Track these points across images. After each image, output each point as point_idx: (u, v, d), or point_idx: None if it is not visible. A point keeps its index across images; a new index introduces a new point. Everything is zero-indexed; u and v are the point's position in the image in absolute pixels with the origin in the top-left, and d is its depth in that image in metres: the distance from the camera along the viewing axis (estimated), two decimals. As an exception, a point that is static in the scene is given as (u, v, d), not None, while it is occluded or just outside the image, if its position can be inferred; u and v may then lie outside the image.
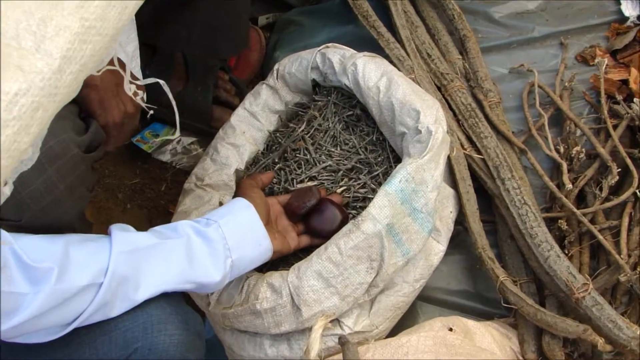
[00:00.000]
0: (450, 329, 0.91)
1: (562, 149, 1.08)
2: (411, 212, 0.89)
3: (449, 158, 1.04)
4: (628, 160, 1.03)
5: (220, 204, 1.03)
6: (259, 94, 1.16)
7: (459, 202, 1.05)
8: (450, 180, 1.06)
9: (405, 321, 1.00)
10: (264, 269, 0.97)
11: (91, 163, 0.83)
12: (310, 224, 0.96)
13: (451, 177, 1.06)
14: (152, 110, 0.87)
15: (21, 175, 0.56)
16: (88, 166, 0.82)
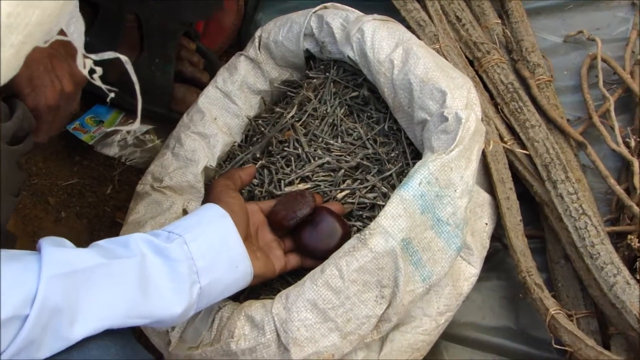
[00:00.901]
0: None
1: (633, 143, 1.09)
2: (434, 224, 0.90)
3: (483, 154, 1.05)
4: None
5: (185, 212, 1.03)
6: (235, 68, 1.17)
7: (497, 212, 1.05)
8: (485, 183, 1.07)
9: (426, 367, 1.01)
10: (241, 297, 0.97)
11: (16, 158, 0.83)
12: (301, 240, 0.97)
13: (487, 179, 1.07)
14: (113, 93, 0.87)
15: None
16: (12, 163, 0.82)
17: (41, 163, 1.40)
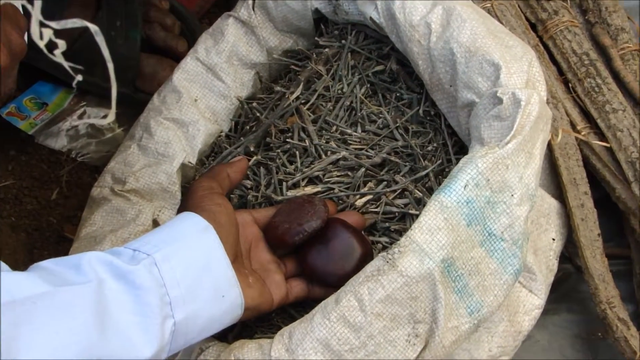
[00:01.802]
0: None
1: None
2: (485, 240, 0.90)
3: (550, 147, 1.05)
4: None
5: (156, 224, 1.04)
6: (221, 34, 1.17)
7: (568, 224, 1.05)
8: (552, 186, 1.07)
9: None
10: (230, 336, 0.97)
11: None
12: (308, 262, 0.97)
13: (554, 180, 1.07)
14: (80, 75, 0.88)
15: None
16: None
17: (-34, 159, 1.41)
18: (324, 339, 0.87)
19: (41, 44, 0.81)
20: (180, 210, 1.04)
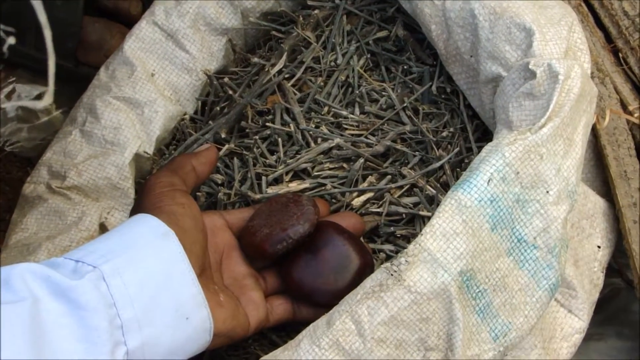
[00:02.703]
0: None
1: None
2: (513, 248, 0.90)
3: (594, 132, 1.05)
4: None
5: (104, 229, 1.04)
6: (185, -8, 1.18)
7: (617, 228, 1.06)
8: (597, 180, 1.07)
9: None
10: (197, 369, 0.98)
11: None
12: (293, 276, 0.98)
13: (600, 173, 1.08)
14: (12, 37, 0.88)
15: None
16: None
17: None
18: (314, 370, 0.88)
19: None
20: (134, 212, 1.04)
